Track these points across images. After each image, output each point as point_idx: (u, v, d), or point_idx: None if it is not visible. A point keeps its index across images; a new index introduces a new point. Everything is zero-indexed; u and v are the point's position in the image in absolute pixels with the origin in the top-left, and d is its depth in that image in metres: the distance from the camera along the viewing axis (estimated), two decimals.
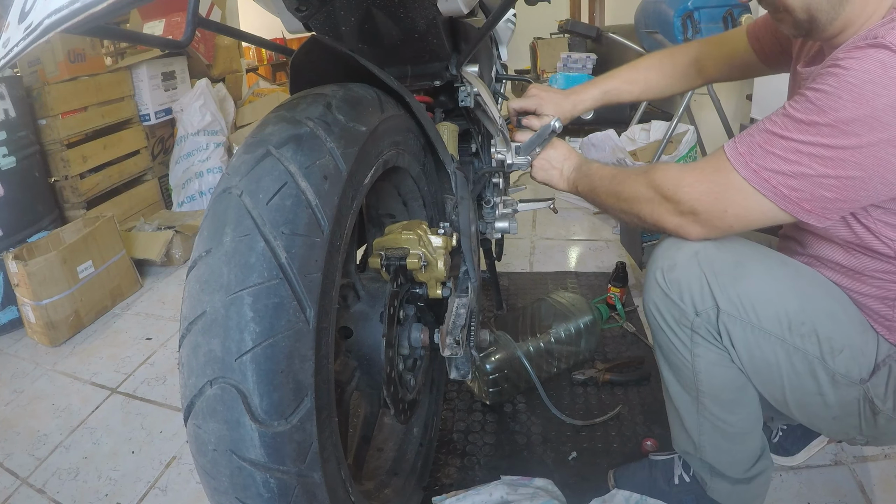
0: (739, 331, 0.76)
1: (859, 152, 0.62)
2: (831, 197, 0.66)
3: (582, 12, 5.12)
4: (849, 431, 0.80)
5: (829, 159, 0.64)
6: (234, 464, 0.51)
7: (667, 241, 0.84)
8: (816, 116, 0.64)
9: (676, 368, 0.87)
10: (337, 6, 0.86)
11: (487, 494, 1.01)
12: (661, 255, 0.83)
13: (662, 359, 0.90)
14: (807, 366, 0.75)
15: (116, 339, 1.83)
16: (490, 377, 1.27)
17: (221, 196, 0.57)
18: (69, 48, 2.25)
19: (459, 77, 1.03)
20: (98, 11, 0.36)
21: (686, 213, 0.76)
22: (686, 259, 0.79)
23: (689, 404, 0.89)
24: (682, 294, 0.80)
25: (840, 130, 0.62)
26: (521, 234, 2.35)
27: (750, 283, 0.76)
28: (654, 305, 0.85)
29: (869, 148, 0.62)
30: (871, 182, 0.64)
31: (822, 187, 0.66)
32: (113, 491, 1.20)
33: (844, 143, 0.62)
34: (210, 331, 0.52)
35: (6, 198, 1.93)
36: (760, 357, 0.77)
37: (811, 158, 0.65)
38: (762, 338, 0.76)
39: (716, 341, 0.80)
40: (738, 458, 0.90)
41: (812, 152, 0.64)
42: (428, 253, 0.83)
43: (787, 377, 0.77)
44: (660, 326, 0.85)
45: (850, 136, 0.62)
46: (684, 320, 0.81)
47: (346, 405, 0.77)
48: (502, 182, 1.41)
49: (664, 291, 0.82)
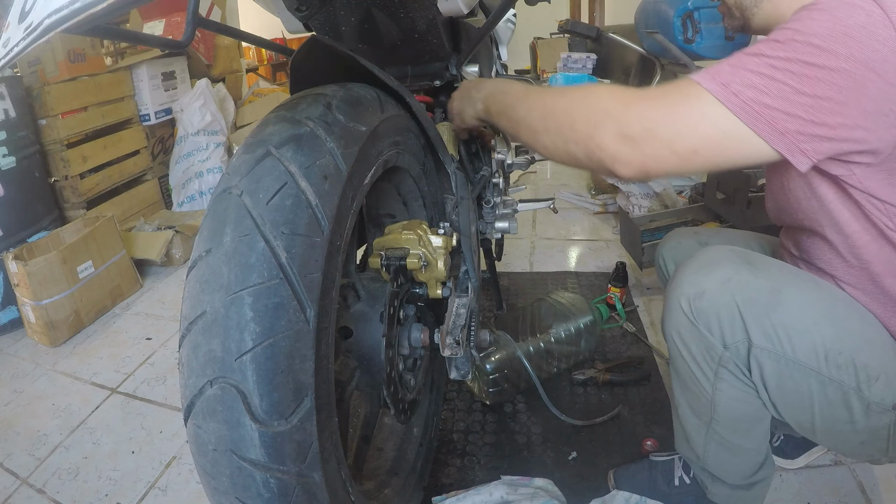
0: (772, 364, 0.71)
1: (836, 72, 0.58)
2: (807, 118, 0.59)
3: (582, 12, 5.13)
4: (873, 454, 0.76)
5: (805, 76, 0.58)
6: (234, 464, 0.51)
7: (693, 264, 0.77)
8: (793, 36, 0.60)
9: (692, 395, 0.83)
10: (337, 6, 0.86)
11: (487, 494, 1.01)
12: (686, 279, 0.76)
13: (678, 382, 0.86)
14: (841, 395, 0.70)
15: (116, 339, 1.83)
16: (490, 377, 1.27)
17: (221, 196, 0.57)
18: (69, 48, 2.25)
19: (459, 77, 1.03)
20: (98, 11, 0.36)
21: (637, 134, 0.62)
22: (717, 287, 0.73)
23: (698, 427, 0.86)
24: (710, 326, 0.73)
25: (816, 47, 0.58)
26: (521, 234, 2.35)
27: (786, 313, 0.70)
28: (678, 333, 0.79)
29: (845, 69, 0.57)
30: (848, 108, 0.59)
31: (797, 106, 0.59)
32: (113, 491, 1.20)
33: (820, 60, 0.58)
34: (210, 331, 0.52)
35: (6, 198, 1.93)
36: (792, 389, 0.72)
37: (785, 74, 0.59)
38: (796, 370, 0.70)
39: (743, 377, 0.75)
40: (741, 469, 0.89)
41: (787, 68, 0.59)
42: (428, 253, 0.83)
43: (819, 407, 0.72)
44: (680, 354, 0.80)
45: (827, 53, 0.57)
46: (711, 353, 0.75)
47: (346, 405, 0.77)
48: (502, 182, 1.41)
49: (690, 321, 0.75)
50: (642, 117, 0.62)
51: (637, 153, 0.62)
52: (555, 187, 2.95)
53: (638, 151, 0.62)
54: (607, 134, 0.63)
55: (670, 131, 0.61)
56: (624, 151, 0.63)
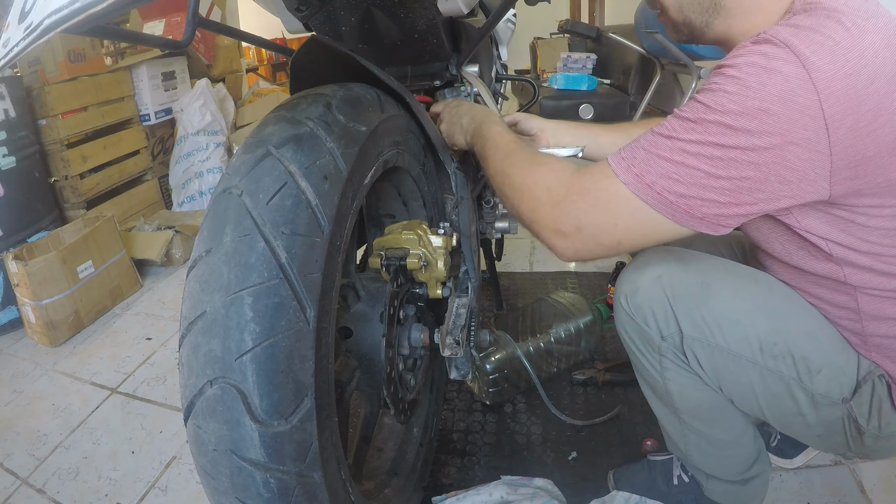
0: (706, 354, 0.75)
1: (752, 151, 0.56)
2: (724, 201, 0.59)
3: (582, 12, 5.13)
4: (837, 448, 0.78)
5: (719, 159, 0.57)
6: (234, 464, 0.51)
7: (631, 265, 0.82)
8: (704, 114, 0.58)
9: (651, 387, 0.88)
10: (337, 6, 0.86)
11: (487, 494, 1.01)
12: (624, 278, 0.82)
13: (640, 378, 0.90)
14: (783, 387, 0.73)
15: (116, 339, 1.83)
16: (490, 377, 1.27)
17: (221, 196, 0.57)
18: (69, 48, 2.25)
19: (459, 77, 1.03)
20: (98, 11, 0.36)
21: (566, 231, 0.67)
22: (649, 283, 0.78)
23: (669, 417, 0.89)
24: (646, 319, 0.79)
25: (729, 127, 0.56)
26: (521, 234, 2.33)
27: (715, 305, 0.73)
28: (623, 329, 0.84)
29: (762, 146, 0.56)
30: (768, 182, 0.57)
31: (713, 191, 0.58)
32: (113, 491, 1.20)
33: (734, 141, 0.56)
34: (210, 331, 0.52)
35: (6, 198, 1.94)
36: (732, 379, 0.75)
37: (699, 159, 0.58)
38: (731, 360, 0.74)
39: (684, 364, 0.79)
40: (730, 464, 0.89)
41: (700, 152, 0.58)
42: (428, 253, 0.83)
43: (763, 398, 0.75)
44: (630, 349, 0.85)
45: (741, 133, 0.56)
46: (651, 345, 0.80)
47: (346, 405, 0.77)
48: None
49: (630, 316, 0.81)
50: (570, 216, 0.67)
51: (569, 245, 0.68)
52: None
53: (569, 244, 0.68)
54: (543, 228, 0.70)
55: (595, 228, 0.66)
56: (558, 244, 0.69)
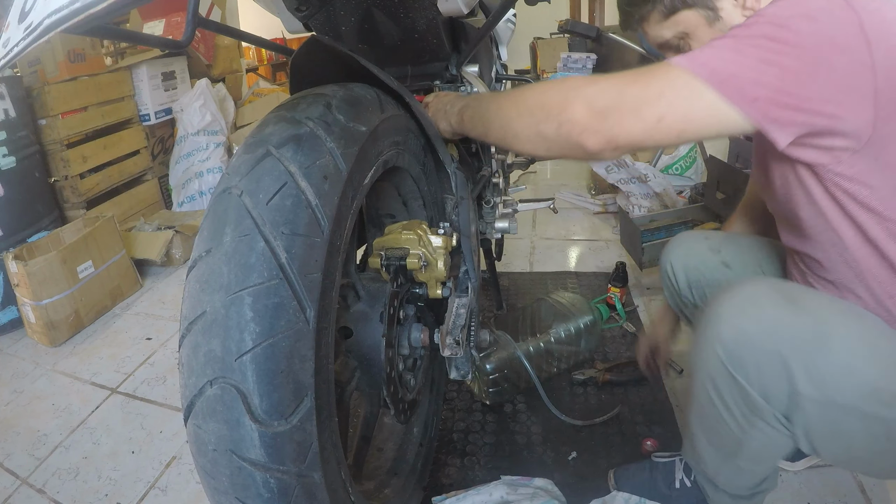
0: (817, 412, 0.66)
1: (800, 48, 0.59)
2: (775, 86, 0.59)
3: (582, 12, 5.13)
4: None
5: (770, 49, 0.60)
6: (234, 464, 0.51)
7: (729, 301, 0.71)
8: (755, 20, 0.62)
9: (715, 434, 0.79)
10: (337, 6, 0.86)
11: (487, 494, 1.01)
12: (724, 321, 0.70)
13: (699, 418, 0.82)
14: (883, 429, 0.66)
15: (116, 339, 1.83)
16: (490, 377, 1.27)
17: (221, 196, 0.57)
18: (69, 48, 2.25)
19: (459, 77, 1.03)
20: (98, 11, 0.36)
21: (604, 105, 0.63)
22: (760, 333, 0.67)
23: (714, 455, 0.84)
24: (749, 377, 0.68)
25: (779, 25, 0.60)
26: (521, 234, 2.35)
27: (833, 357, 0.65)
28: (710, 378, 0.74)
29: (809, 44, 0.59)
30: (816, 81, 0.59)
31: (764, 74, 0.59)
32: (113, 491, 1.20)
33: (784, 36, 0.59)
34: (210, 331, 0.52)
35: (6, 198, 1.93)
36: (832, 430, 0.68)
37: (751, 48, 0.60)
38: (841, 413, 0.66)
39: (780, 426, 0.71)
40: (746, 483, 0.87)
41: (753, 43, 0.60)
42: (428, 253, 0.83)
43: (859, 443, 0.68)
44: (710, 399, 0.75)
45: (790, 30, 0.59)
46: (748, 404, 0.70)
47: (346, 405, 0.77)
48: (502, 182, 1.41)
49: (728, 370, 0.70)
50: (611, 89, 0.64)
51: (604, 123, 0.63)
52: (555, 187, 2.95)
53: (605, 121, 0.63)
54: (577, 107, 0.65)
55: (637, 100, 0.62)
56: (592, 122, 0.64)
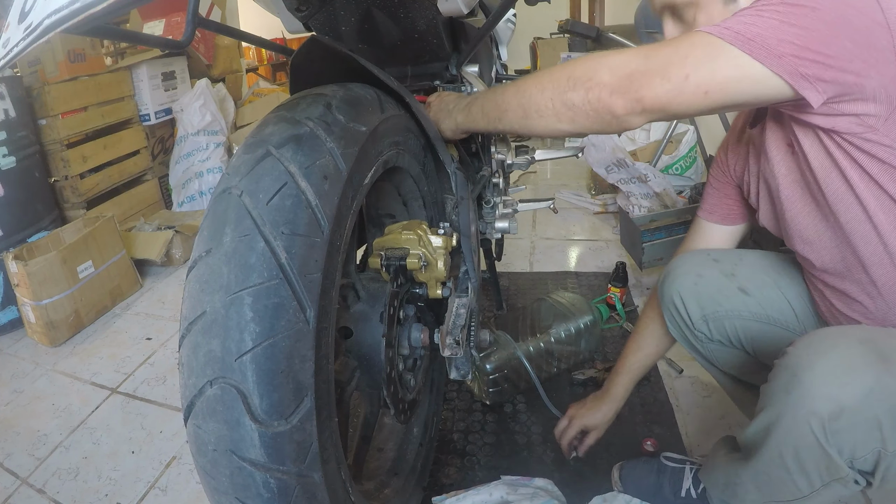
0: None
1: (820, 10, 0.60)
2: (799, 44, 0.59)
3: (582, 12, 5.13)
4: None
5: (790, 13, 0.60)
6: (234, 464, 0.51)
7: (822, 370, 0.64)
8: None
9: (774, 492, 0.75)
10: (337, 6, 0.86)
11: (487, 494, 1.01)
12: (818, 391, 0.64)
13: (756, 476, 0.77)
14: None
15: (116, 339, 1.83)
16: (490, 377, 1.27)
17: (221, 196, 0.57)
18: (69, 48, 2.25)
19: (459, 77, 1.03)
20: (98, 11, 0.36)
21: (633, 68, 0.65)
22: (858, 403, 0.62)
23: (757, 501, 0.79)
24: (842, 448, 0.64)
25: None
26: (521, 234, 2.35)
27: None
28: (793, 450, 0.68)
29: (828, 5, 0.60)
30: (839, 40, 0.60)
31: (787, 34, 0.60)
32: (113, 491, 1.20)
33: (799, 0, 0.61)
34: (210, 331, 0.52)
35: (6, 198, 1.94)
36: None
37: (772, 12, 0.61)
38: None
39: (855, 485, 0.67)
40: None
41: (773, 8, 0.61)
42: (428, 253, 0.83)
43: None
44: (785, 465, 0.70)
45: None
46: (830, 471, 0.67)
47: (346, 405, 0.77)
48: (502, 182, 1.41)
49: (820, 444, 0.65)
50: (637, 56, 0.65)
51: (632, 84, 0.64)
52: (555, 187, 2.95)
53: (633, 83, 0.64)
54: (603, 73, 0.66)
55: (663, 62, 0.64)
56: (620, 84, 0.65)
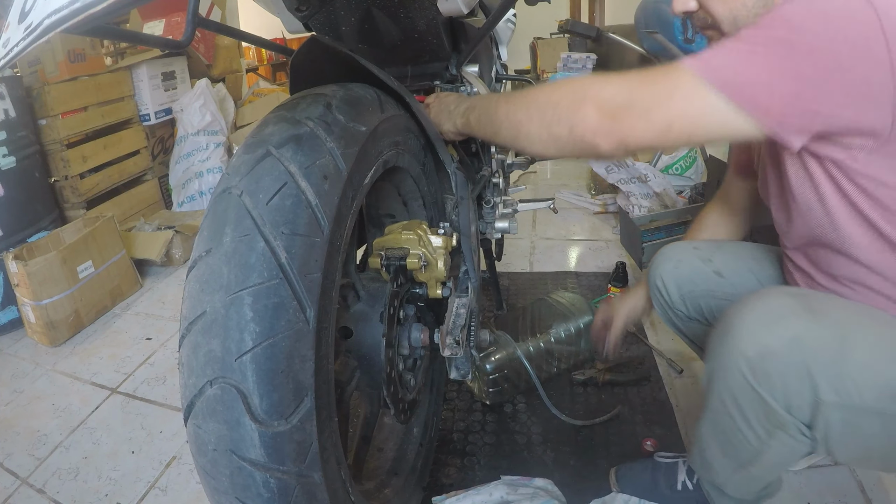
0: (839, 416, 0.65)
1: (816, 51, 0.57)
2: (790, 93, 0.58)
3: (582, 12, 5.13)
4: None
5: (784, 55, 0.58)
6: (234, 464, 0.51)
7: (750, 315, 0.69)
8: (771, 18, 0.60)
9: (730, 445, 0.78)
10: (337, 6, 0.86)
11: (487, 494, 1.01)
12: (746, 335, 0.69)
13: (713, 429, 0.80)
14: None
15: (116, 339, 1.83)
16: (490, 377, 1.27)
17: (221, 196, 0.57)
18: (69, 48, 2.25)
19: (459, 77, 1.03)
20: (98, 11, 0.36)
21: (616, 107, 0.64)
22: (784, 346, 0.66)
23: (726, 465, 0.82)
24: (773, 390, 0.67)
25: (794, 27, 0.58)
26: (521, 234, 2.35)
27: (856, 361, 0.64)
28: (730, 394, 0.72)
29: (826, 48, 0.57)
30: (832, 85, 0.58)
31: (777, 82, 0.58)
32: (113, 491, 1.20)
33: (799, 38, 0.58)
34: (210, 331, 0.52)
35: (6, 198, 1.93)
36: (853, 433, 0.67)
37: (766, 52, 0.59)
38: (862, 416, 0.65)
39: (802, 435, 0.70)
40: (753, 488, 0.87)
41: (767, 46, 0.59)
42: (428, 253, 0.83)
43: (879, 443, 0.67)
44: (728, 413, 0.74)
45: (806, 32, 0.57)
46: (770, 418, 0.70)
47: (346, 405, 0.77)
48: (502, 182, 1.41)
49: (750, 385, 0.69)
50: (622, 92, 0.65)
51: (616, 125, 0.64)
52: (555, 187, 2.95)
53: (617, 123, 0.64)
54: (589, 108, 0.66)
55: (647, 103, 0.63)
56: (604, 124, 0.65)
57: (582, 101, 0.67)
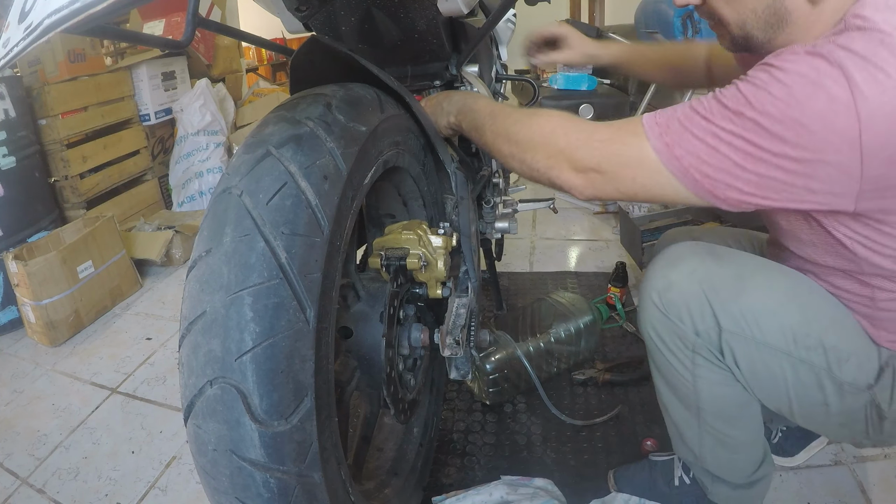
0: (743, 348, 0.74)
1: (783, 158, 0.59)
2: (748, 191, 0.62)
3: (582, 12, 5.12)
4: (855, 436, 0.79)
5: (750, 155, 0.60)
6: (234, 464, 0.51)
7: (660, 260, 0.81)
8: (743, 108, 0.60)
9: (675, 388, 0.85)
10: (337, 6, 0.86)
11: (487, 494, 1.01)
12: (655, 274, 0.80)
13: (660, 378, 0.88)
14: (813, 377, 0.73)
15: (116, 339, 1.83)
16: (490, 377, 1.27)
17: (221, 196, 0.57)
18: (69, 48, 2.25)
19: (459, 77, 1.03)
20: (98, 11, 0.36)
21: (588, 169, 0.71)
22: (683, 278, 0.77)
23: (689, 420, 0.87)
24: (680, 315, 0.77)
25: (765, 129, 0.59)
26: (521, 234, 2.35)
27: (752, 298, 0.73)
28: (652, 327, 0.82)
29: (793, 156, 0.58)
30: (795, 187, 0.60)
31: (738, 180, 0.62)
32: (113, 491, 1.20)
33: (769, 145, 0.59)
34: (210, 331, 0.52)
35: (6, 198, 1.93)
36: (765, 372, 0.75)
37: (730, 149, 0.61)
38: (767, 353, 0.73)
39: (718, 361, 0.77)
40: (740, 466, 0.89)
41: (732, 142, 0.61)
42: (428, 253, 0.83)
43: (794, 390, 0.74)
44: (658, 348, 0.83)
45: (776, 139, 0.58)
46: (684, 342, 0.78)
47: (346, 405, 0.77)
48: (502, 182, 1.41)
49: (662, 312, 0.79)
50: (593, 157, 0.70)
51: (588, 185, 0.72)
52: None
53: (588, 182, 0.72)
54: (563, 169, 0.73)
55: (615, 175, 0.70)
56: (577, 183, 0.72)
57: (557, 157, 0.73)
